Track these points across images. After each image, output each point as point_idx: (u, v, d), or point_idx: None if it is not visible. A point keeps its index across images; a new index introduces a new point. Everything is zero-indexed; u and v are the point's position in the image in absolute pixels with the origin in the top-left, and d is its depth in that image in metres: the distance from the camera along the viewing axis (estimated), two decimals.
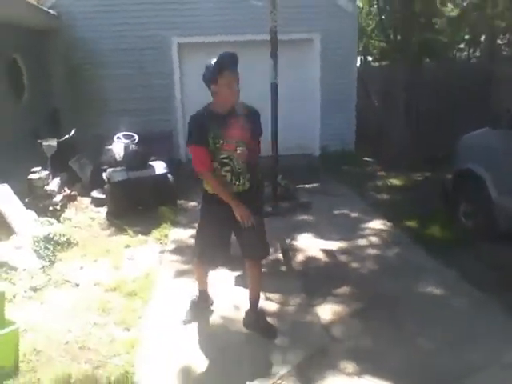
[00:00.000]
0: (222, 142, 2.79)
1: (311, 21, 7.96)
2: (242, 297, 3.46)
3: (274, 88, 4.93)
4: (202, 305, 3.39)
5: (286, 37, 6.80)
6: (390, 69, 11.47)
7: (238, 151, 2.83)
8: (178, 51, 8.02)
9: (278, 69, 5.03)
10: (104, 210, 5.98)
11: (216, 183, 2.86)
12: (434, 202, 5.71)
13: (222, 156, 2.82)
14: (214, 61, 2.69)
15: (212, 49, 7.82)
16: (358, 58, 19.32)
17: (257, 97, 6.61)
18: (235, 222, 2.89)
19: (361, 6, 19.35)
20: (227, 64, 2.68)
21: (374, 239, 4.94)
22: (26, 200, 5.51)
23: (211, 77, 2.70)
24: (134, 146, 6.19)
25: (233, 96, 2.76)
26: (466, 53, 19.59)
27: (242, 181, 2.89)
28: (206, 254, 3.14)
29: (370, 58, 21.39)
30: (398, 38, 15.11)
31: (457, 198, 5.14)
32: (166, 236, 5.04)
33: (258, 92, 6.91)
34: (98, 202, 6.21)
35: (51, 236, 4.79)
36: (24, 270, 4.23)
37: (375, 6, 18.05)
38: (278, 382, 2.68)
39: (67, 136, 6.59)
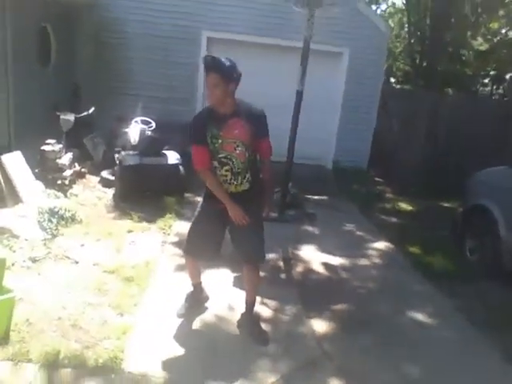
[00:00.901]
0: (220, 141, 2.80)
1: (343, 34, 7.95)
2: (239, 298, 3.45)
3: (299, 96, 4.92)
4: (195, 299, 3.37)
5: (315, 47, 6.78)
6: (413, 93, 11.45)
7: (237, 151, 2.83)
8: (207, 45, 8.02)
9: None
10: (111, 191, 5.98)
11: (213, 182, 2.90)
12: (440, 232, 5.67)
13: (221, 155, 2.84)
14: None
15: (240, 47, 7.93)
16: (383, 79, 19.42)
17: (277, 101, 6.67)
18: (231, 225, 2.95)
19: (392, 26, 19.41)
20: (206, 67, 2.72)
21: (375, 260, 4.92)
22: (36, 170, 5.51)
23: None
24: (149, 133, 6.18)
25: (211, 99, 2.78)
26: (489, 88, 19.59)
27: (240, 180, 2.90)
28: (192, 248, 3.14)
29: (392, 80, 21.43)
30: (424, 64, 15.19)
31: (465, 232, 5.12)
32: (169, 227, 5.02)
33: (279, 97, 6.94)
34: (106, 183, 6.21)
35: (56, 209, 4.80)
36: (26, 239, 4.23)
37: (406, 29, 18.12)
38: None
39: (85, 113, 6.59)
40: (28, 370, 2.56)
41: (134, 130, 6.37)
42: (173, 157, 6.05)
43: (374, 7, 19.28)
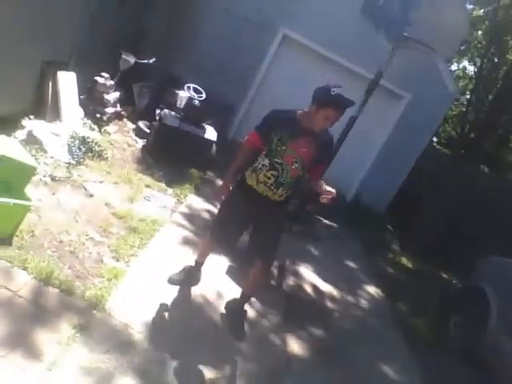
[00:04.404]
0: (284, 148, 2.84)
1: (411, 80, 7.92)
2: (229, 288, 3.54)
3: (352, 121, 4.97)
4: (191, 275, 3.43)
5: (382, 82, 6.83)
6: (453, 160, 11.42)
7: (293, 167, 2.87)
8: (280, 41, 8.05)
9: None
10: (142, 142, 6.06)
11: (240, 156, 3.05)
12: (433, 298, 5.68)
13: (276, 160, 2.86)
14: (335, 90, 2.71)
15: (310, 55, 7.98)
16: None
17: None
18: (258, 220, 3.02)
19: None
20: (339, 105, 2.73)
21: (362, 301, 4.95)
22: (82, 97, 5.61)
23: (320, 101, 2.75)
24: (197, 102, 6.25)
25: (322, 127, 2.82)
26: None
27: (281, 192, 2.93)
28: (218, 235, 3.23)
29: (435, 139, 21.37)
30: (472, 135, 15.15)
31: (455, 308, 5.13)
32: (185, 197, 5.09)
33: None
34: (140, 133, 6.29)
35: (88, 140, 4.89)
36: (52, 157, 4.33)
37: (466, 97, 18.07)
38: (217, 378, 2.73)
39: (146, 61, 6.69)
40: (21, 277, 2.65)
41: (184, 94, 6.46)
42: (210, 132, 6.13)
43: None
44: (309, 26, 7.76)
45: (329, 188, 2.74)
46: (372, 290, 5.39)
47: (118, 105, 6.42)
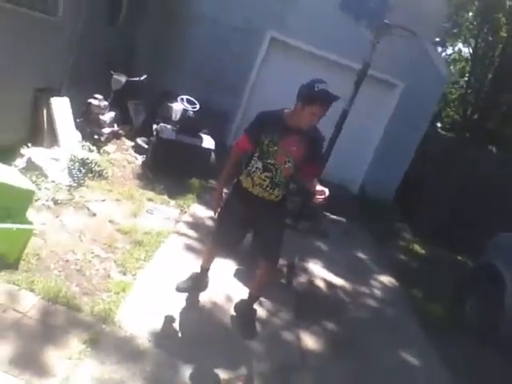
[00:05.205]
0: (275, 148, 2.86)
1: (403, 68, 7.91)
2: (237, 291, 3.56)
3: (344, 114, 4.98)
4: (198, 281, 3.46)
5: (373, 72, 6.82)
6: (456, 143, 11.33)
7: (286, 166, 2.90)
8: (268, 45, 8.11)
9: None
10: (142, 158, 6.14)
11: (230, 163, 3.07)
12: (447, 282, 5.64)
13: (269, 161, 2.89)
14: (319, 86, 2.73)
15: (298, 54, 8.02)
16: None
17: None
18: (258, 221, 3.05)
19: (452, 72, 19.24)
20: (324, 100, 2.74)
21: (376, 291, 4.93)
22: (78, 120, 5.71)
23: (305, 98, 2.77)
24: (192, 113, 6.31)
25: (309, 123, 2.83)
26: None
27: (277, 192, 2.96)
28: (220, 239, 3.26)
29: (439, 125, 21.24)
30: (475, 117, 15.03)
31: (470, 289, 5.08)
32: (188, 206, 5.14)
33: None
34: (139, 149, 6.37)
35: (87, 161, 4.98)
36: (53, 181, 4.41)
37: (465, 79, 17.96)
38: (233, 379, 2.74)
39: (137, 78, 6.78)
40: (29, 298, 2.70)
41: (178, 107, 6.53)
42: (208, 141, 6.18)
43: (439, 49, 19.16)
44: (294, 26, 7.81)
45: (321, 187, 2.75)
46: (385, 279, 5.37)
47: (115, 124, 6.52)
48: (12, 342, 2.36)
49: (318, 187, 2.77)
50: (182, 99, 6.47)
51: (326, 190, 2.73)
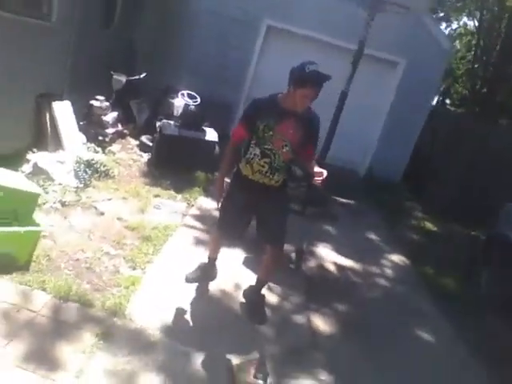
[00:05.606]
0: (271, 133, 2.88)
1: (402, 45, 7.84)
2: (246, 278, 3.59)
3: (343, 96, 4.96)
4: (206, 271, 3.51)
5: (372, 52, 6.77)
6: (466, 117, 11.17)
7: (284, 150, 2.91)
8: (265, 33, 8.10)
9: (353, 80, 5.04)
10: (147, 156, 6.19)
11: (227, 153, 3.12)
12: (461, 258, 5.61)
13: (266, 147, 2.91)
14: (309, 67, 2.74)
15: (297, 40, 7.97)
16: (436, 98, 19.00)
17: (322, 100, 6.68)
18: (260, 207, 3.08)
19: (458, 47, 18.90)
20: (316, 81, 2.75)
21: (387, 271, 4.94)
22: (81, 123, 5.78)
23: (296, 80, 2.77)
24: (193, 107, 6.34)
25: (302, 106, 2.85)
26: None
27: (276, 177, 2.99)
28: (224, 227, 3.29)
29: (448, 101, 20.93)
30: (484, 90, 14.77)
31: (484, 261, 5.06)
32: (194, 199, 5.19)
33: (325, 95, 6.96)
34: (144, 147, 6.43)
35: (93, 162, 5.04)
36: (60, 184, 4.48)
37: (472, 53, 17.62)
38: (244, 363, 2.77)
39: (137, 77, 6.83)
40: (41, 297, 2.77)
41: (179, 102, 6.56)
42: (211, 134, 6.21)
43: (444, 25, 18.82)
44: (289, 12, 7.82)
45: (319, 169, 2.78)
46: (396, 258, 5.36)
47: (119, 124, 6.58)
48: (26, 340, 2.43)
49: (316, 169, 2.80)
50: (183, 94, 6.50)
51: (324, 172, 2.75)
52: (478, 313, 4.42)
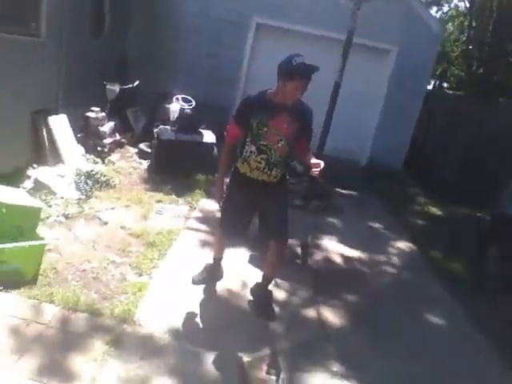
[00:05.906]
0: (265, 129, 2.89)
1: (392, 32, 7.82)
2: (253, 276, 3.60)
3: (336, 87, 4.94)
4: (212, 272, 3.52)
5: (363, 41, 6.75)
6: (463, 100, 11.12)
7: (280, 145, 2.92)
8: (255, 31, 8.10)
9: (345, 71, 5.02)
10: (146, 163, 6.22)
11: (224, 153, 3.16)
12: (467, 240, 5.59)
13: (261, 143, 2.92)
14: (296, 59, 2.75)
15: (287, 35, 7.96)
16: (433, 82, 18.91)
17: (317, 92, 6.68)
18: (260, 204, 3.09)
19: (451, 29, 18.80)
20: (304, 73, 2.76)
21: (394, 258, 4.93)
22: (79, 135, 5.81)
23: (285, 74, 2.78)
24: (189, 111, 6.35)
25: (293, 99, 2.85)
26: None
27: (274, 173, 2.99)
28: (226, 227, 3.31)
29: (445, 85, 20.82)
30: (480, 71, 14.68)
31: (490, 241, 5.05)
32: (196, 202, 5.21)
33: (319, 88, 6.95)
34: (143, 155, 6.45)
35: (93, 173, 5.07)
36: (62, 197, 4.51)
37: (465, 34, 17.53)
38: (256, 360, 2.78)
39: (130, 85, 6.85)
40: (49, 310, 2.80)
41: (174, 107, 6.58)
42: (208, 136, 6.23)
43: (435, 9, 18.72)
44: (276, 8, 7.82)
45: (316, 160, 2.79)
46: (403, 245, 5.36)
47: (117, 133, 6.61)
48: (38, 353, 2.45)
49: (313, 160, 2.81)
50: (178, 98, 6.52)
51: (321, 163, 2.76)
52: (485, 294, 4.40)
